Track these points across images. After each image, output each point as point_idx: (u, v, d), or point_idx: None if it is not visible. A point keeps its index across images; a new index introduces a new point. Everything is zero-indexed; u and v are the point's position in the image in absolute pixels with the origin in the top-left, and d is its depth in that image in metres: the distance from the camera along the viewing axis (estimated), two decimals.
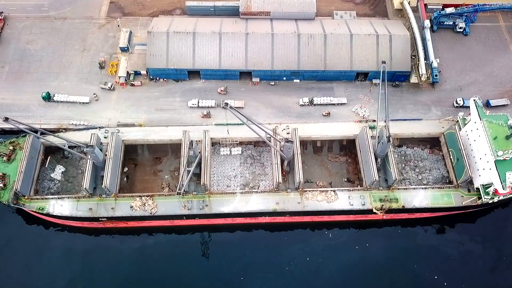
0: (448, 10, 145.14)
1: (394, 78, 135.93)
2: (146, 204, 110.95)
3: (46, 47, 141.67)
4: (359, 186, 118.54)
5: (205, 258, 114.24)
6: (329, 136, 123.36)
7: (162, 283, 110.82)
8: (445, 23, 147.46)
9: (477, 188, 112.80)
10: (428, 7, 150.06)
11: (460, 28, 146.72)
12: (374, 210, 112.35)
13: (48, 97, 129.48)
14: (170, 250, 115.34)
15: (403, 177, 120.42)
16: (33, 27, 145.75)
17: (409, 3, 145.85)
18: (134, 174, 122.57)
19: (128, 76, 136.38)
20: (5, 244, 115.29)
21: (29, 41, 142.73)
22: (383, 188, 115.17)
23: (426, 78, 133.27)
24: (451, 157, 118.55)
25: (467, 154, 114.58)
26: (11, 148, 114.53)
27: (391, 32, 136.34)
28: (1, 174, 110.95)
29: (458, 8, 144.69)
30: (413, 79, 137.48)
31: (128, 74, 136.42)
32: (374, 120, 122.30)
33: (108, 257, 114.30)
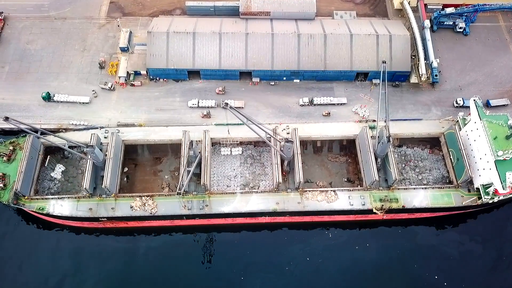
0: (448, 10, 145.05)
1: (394, 78, 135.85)
2: (146, 204, 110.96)
3: (46, 47, 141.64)
4: (359, 186, 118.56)
5: (205, 258, 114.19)
6: (329, 136, 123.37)
7: (162, 283, 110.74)
8: (445, 23, 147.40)
9: (477, 188, 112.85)
10: (428, 7, 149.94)
11: (460, 28, 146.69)
12: (374, 210, 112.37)
13: (48, 97, 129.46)
14: (170, 250, 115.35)
15: (403, 177, 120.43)
16: (33, 27, 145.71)
17: (409, 3, 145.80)
18: (134, 174, 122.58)
19: (128, 76, 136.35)
20: (5, 244, 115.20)
21: (29, 41, 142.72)
22: (383, 188, 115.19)
23: (426, 78, 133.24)
24: (451, 157, 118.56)
25: (467, 154, 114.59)
26: (11, 148, 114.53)
27: (391, 32, 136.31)
28: (1, 174, 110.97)
29: (458, 8, 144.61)
30: (413, 79, 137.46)
31: (128, 74, 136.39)
32: (374, 120, 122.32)
33: (108, 257, 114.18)
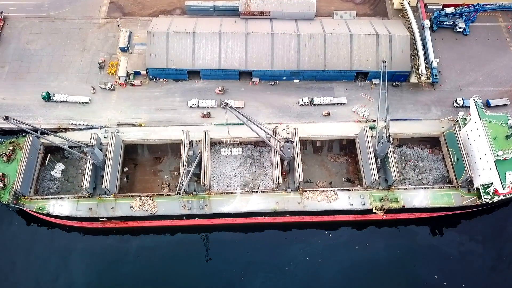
0: (448, 10, 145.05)
1: (394, 78, 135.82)
2: (146, 204, 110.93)
3: (46, 47, 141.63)
4: (359, 186, 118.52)
5: (205, 258, 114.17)
6: (329, 136, 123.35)
7: (162, 283, 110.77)
8: (445, 23, 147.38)
9: (477, 188, 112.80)
10: (428, 7, 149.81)
11: (460, 28, 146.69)
12: (374, 210, 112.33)
13: (48, 97, 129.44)
14: (170, 250, 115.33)
15: (403, 177, 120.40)
16: (33, 27, 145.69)
17: (409, 3, 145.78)
18: (134, 174, 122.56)
19: (128, 76, 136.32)
20: (5, 244, 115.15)
21: (29, 41, 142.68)
22: (383, 188, 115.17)
23: (426, 78, 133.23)
24: (451, 157, 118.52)
25: (467, 154, 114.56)
26: (11, 148, 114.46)
27: (391, 32, 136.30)
28: (1, 174, 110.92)
29: (458, 8, 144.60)
30: (413, 79, 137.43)
31: (128, 74, 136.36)
32: (374, 120, 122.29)
33: (108, 257, 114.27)
